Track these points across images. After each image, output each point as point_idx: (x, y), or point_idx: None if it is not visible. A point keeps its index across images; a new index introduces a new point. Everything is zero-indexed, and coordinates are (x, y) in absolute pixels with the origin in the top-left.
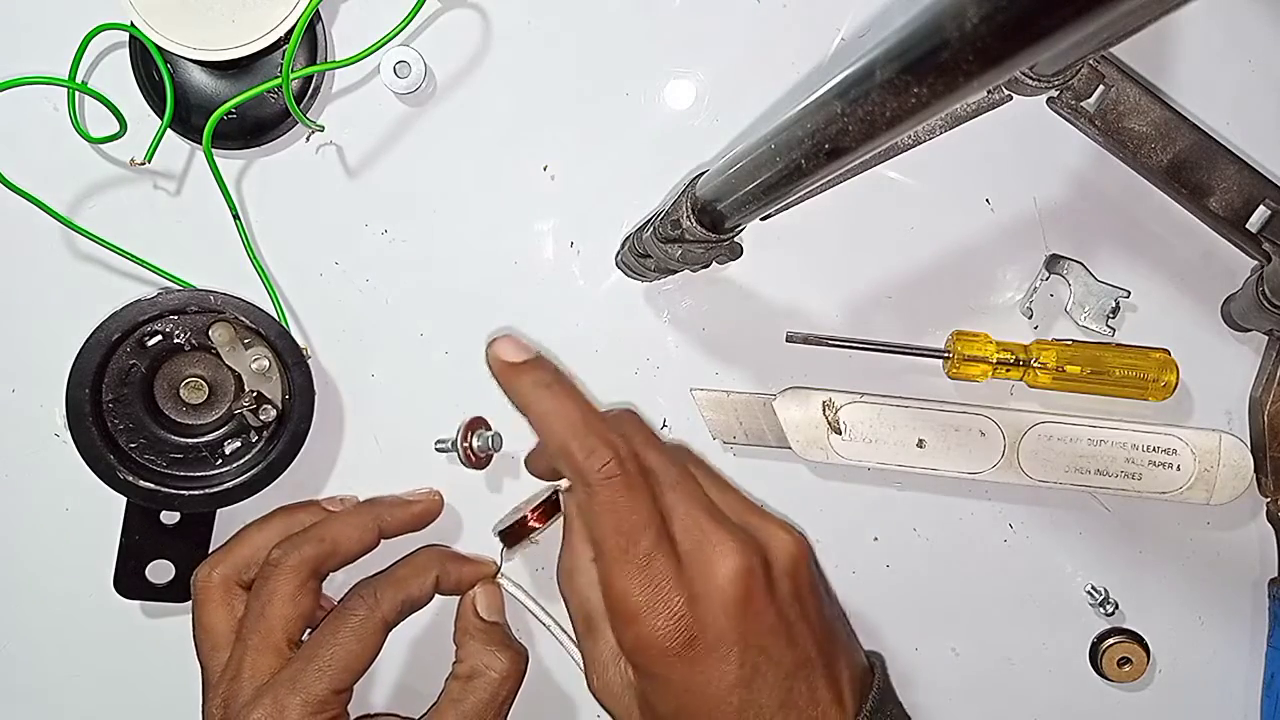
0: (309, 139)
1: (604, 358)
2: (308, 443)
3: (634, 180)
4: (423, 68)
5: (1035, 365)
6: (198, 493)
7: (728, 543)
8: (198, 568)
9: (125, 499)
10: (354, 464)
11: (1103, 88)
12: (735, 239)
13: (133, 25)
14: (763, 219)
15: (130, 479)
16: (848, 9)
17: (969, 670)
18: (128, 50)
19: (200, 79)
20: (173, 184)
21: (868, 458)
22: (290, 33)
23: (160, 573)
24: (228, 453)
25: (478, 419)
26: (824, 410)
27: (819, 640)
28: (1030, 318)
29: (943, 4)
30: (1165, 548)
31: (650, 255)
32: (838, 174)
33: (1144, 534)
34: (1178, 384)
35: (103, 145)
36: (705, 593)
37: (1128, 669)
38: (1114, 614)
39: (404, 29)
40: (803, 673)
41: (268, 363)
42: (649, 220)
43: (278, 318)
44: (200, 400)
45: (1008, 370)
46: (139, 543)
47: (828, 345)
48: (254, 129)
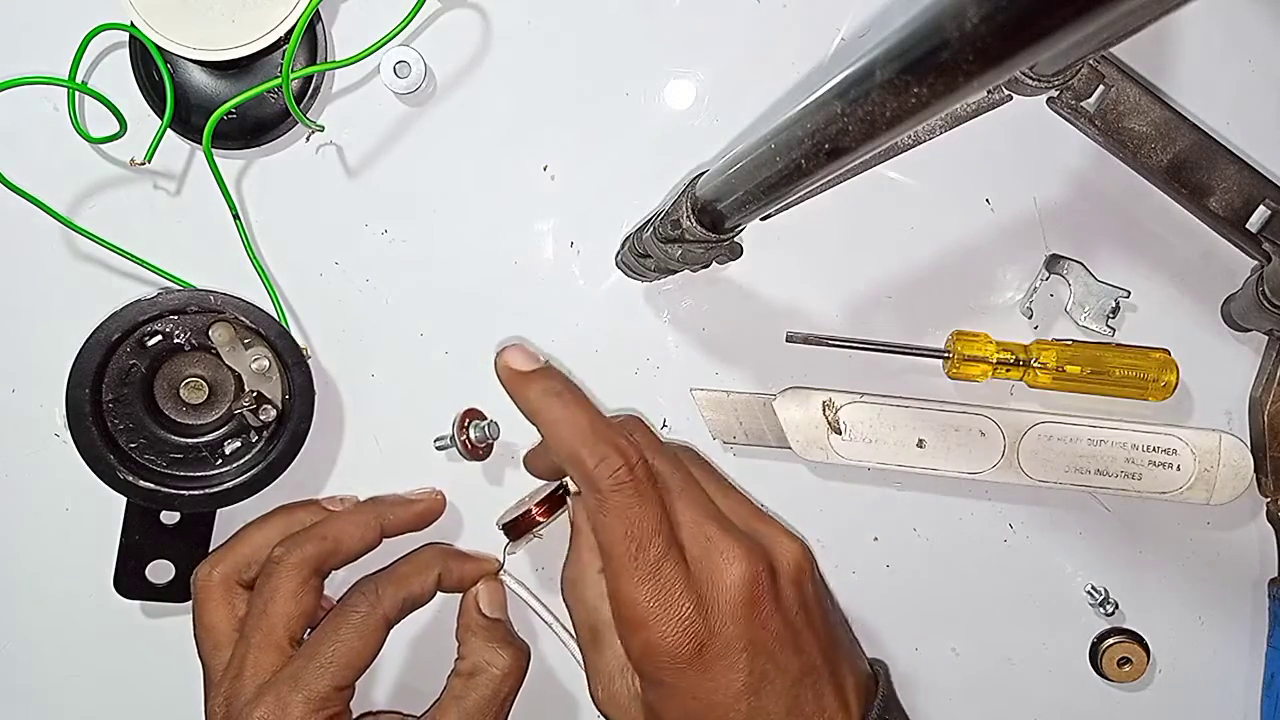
0: (309, 139)
1: (604, 358)
2: (308, 443)
3: (634, 180)
4: (423, 68)
5: (1035, 365)
6: (198, 493)
7: (735, 549)
8: (198, 567)
9: (125, 499)
10: (354, 464)
11: (1103, 88)
12: (735, 239)
13: (133, 25)
14: (763, 219)
15: (130, 479)
16: (848, 9)
17: (969, 670)
18: (128, 50)
19: (200, 79)
20: (173, 184)
21: (868, 458)
22: (290, 33)
23: (160, 573)
24: (228, 453)
25: (472, 410)
26: (824, 410)
27: (824, 647)
28: (1030, 318)
29: (943, 4)
30: (1165, 548)
31: (650, 255)
32: (838, 174)
33: (1144, 534)
34: (1178, 384)
35: (103, 145)
36: (713, 599)
37: (1128, 669)
38: (1114, 614)
39: (404, 29)
40: (809, 680)
41: (268, 363)
42: (649, 220)
43: (278, 318)
44: (200, 400)
45: (1008, 370)
46: (139, 543)
47: (828, 345)
48: (254, 129)
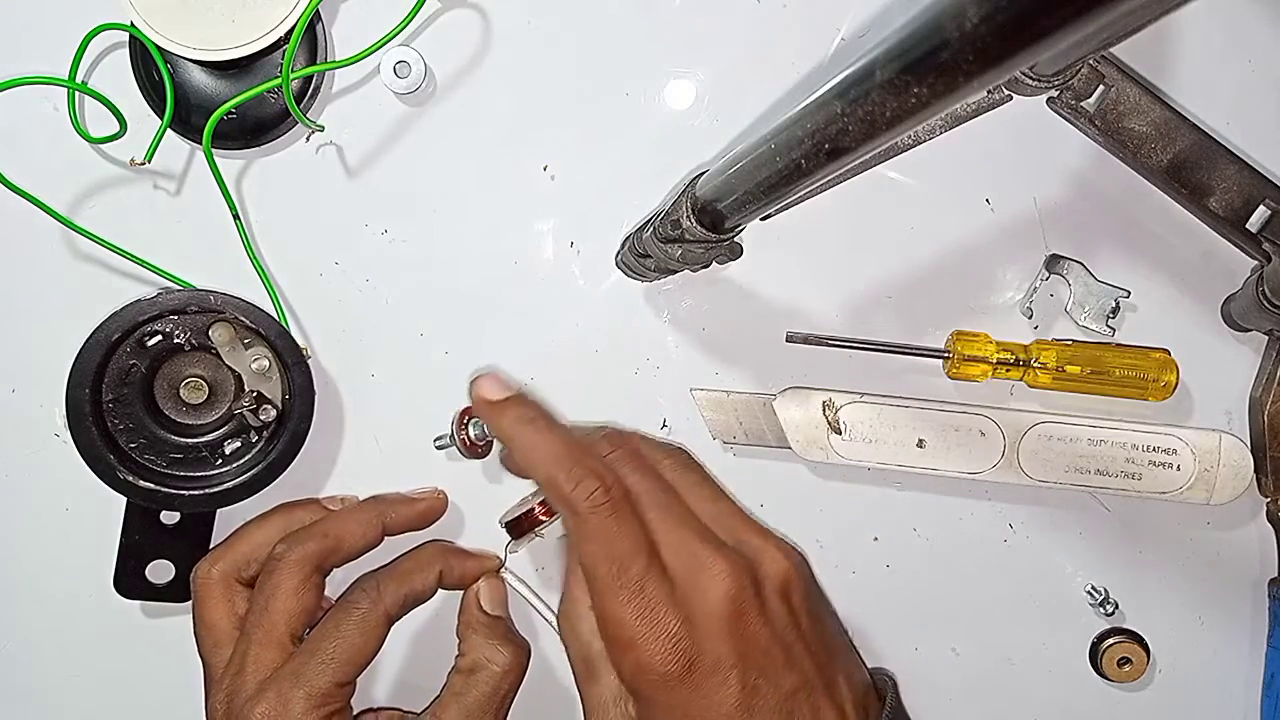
0: (309, 139)
1: (604, 358)
2: (308, 443)
3: (634, 180)
4: (423, 68)
5: (1035, 365)
6: (198, 493)
7: (719, 564)
8: (197, 564)
9: (125, 499)
10: (354, 464)
11: (1103, 88)
12: (735, 239)
13: (133, 25)
14: (763, 219)
15: (130, 479)
16: (848, 9)
17: (969, 670)
18: (128, 50)
19: (200, 79)
20: (173, 184)
21: (868, 458)
22: (290, 33)
23: (160, 573)
24: (228, 453)
25: (470, 407)
26: (824, 410)
27: (818, 660)
28: (1030, 318)
29: (943, 4)
30: (1165, 548)
31: (650, 255)
32: (838, 174)
33: (1144, 534)
34: (1178, 384)
35: (103, 145)
36: (699, 615)
37: (1128, 669)
38: (1114, 614)
39: (404, 29)
40: (803, 693)
41: (268, 363)
42: (649, 220)
43: (278, 318)
44: (200, 400)
45: (1008, 370)
46: (139, 543)
47: (828, 345)
48: (254, 129)
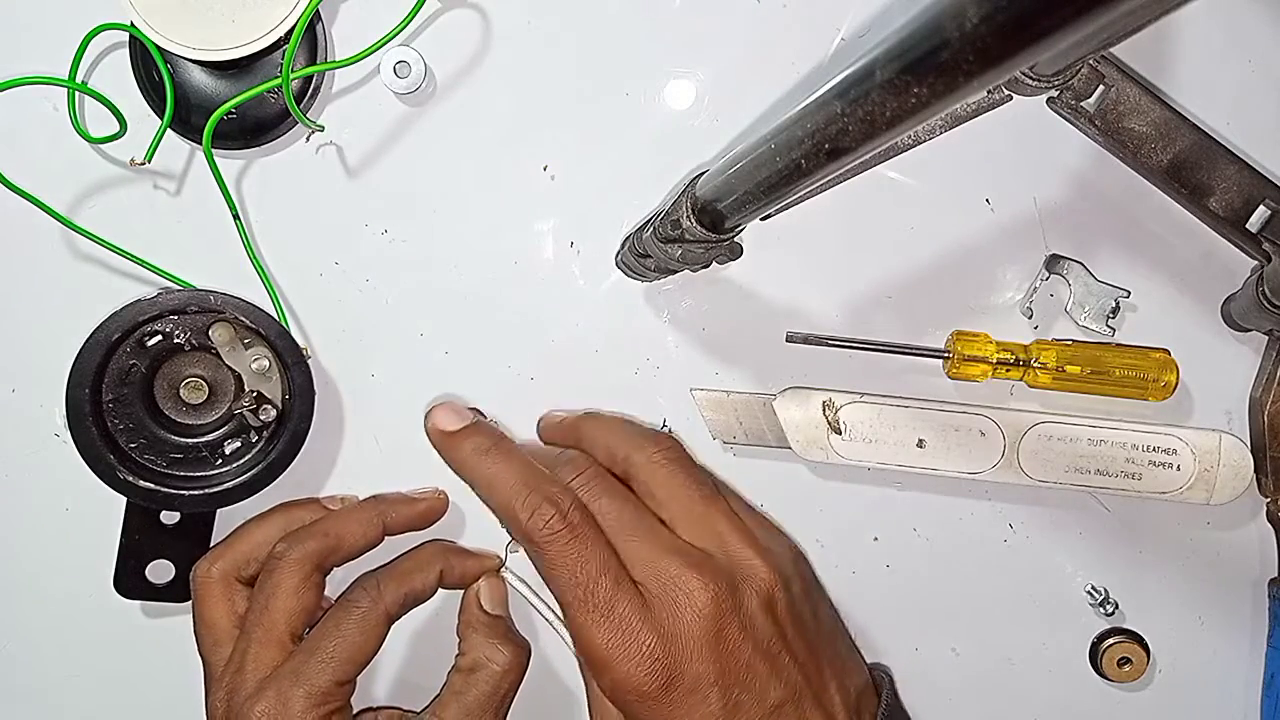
0: (309, 139)
1: (604, 358)
2: (308, 443)
3: (634, 180)
4: (423, 68)
5: (1035, 365)
6: (198, 493)
7: (692, 581)
8: (197, 563)
9: (125, 499)
10: (354, 464)
11: (1103, 88)
12: (735, 239)
13: (133, 25)
14: (763, 219)
15: (130, 479)
16: (848, 9)
17: (969, 670)
18: (128, 50)
19: (200, 79)
20: (173, 184)
21: (868, 458)
22: (290, 33)
23: (160, 573)
24: (228, 453)
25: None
26: (824, 410)
27: (806, 670)
28: (1030, 318)
29: (943, 4)
30: (1165, 548)
31: (650, 255)
32: (838, 174)
33: (1144, 534)
34: (1178, 384)
35: (103, 145)
36: (676, 633)
37: (1128, 669)
38: (1114, 614)
39: (404, 29)
40: (790, 705)
41: (268, 363)
42: (649, 220)
43: (278, 318)
44: (200, 400)
45: (1008, 370)
46: (139, 543)
47: (828, 345)
48: (254, 129)
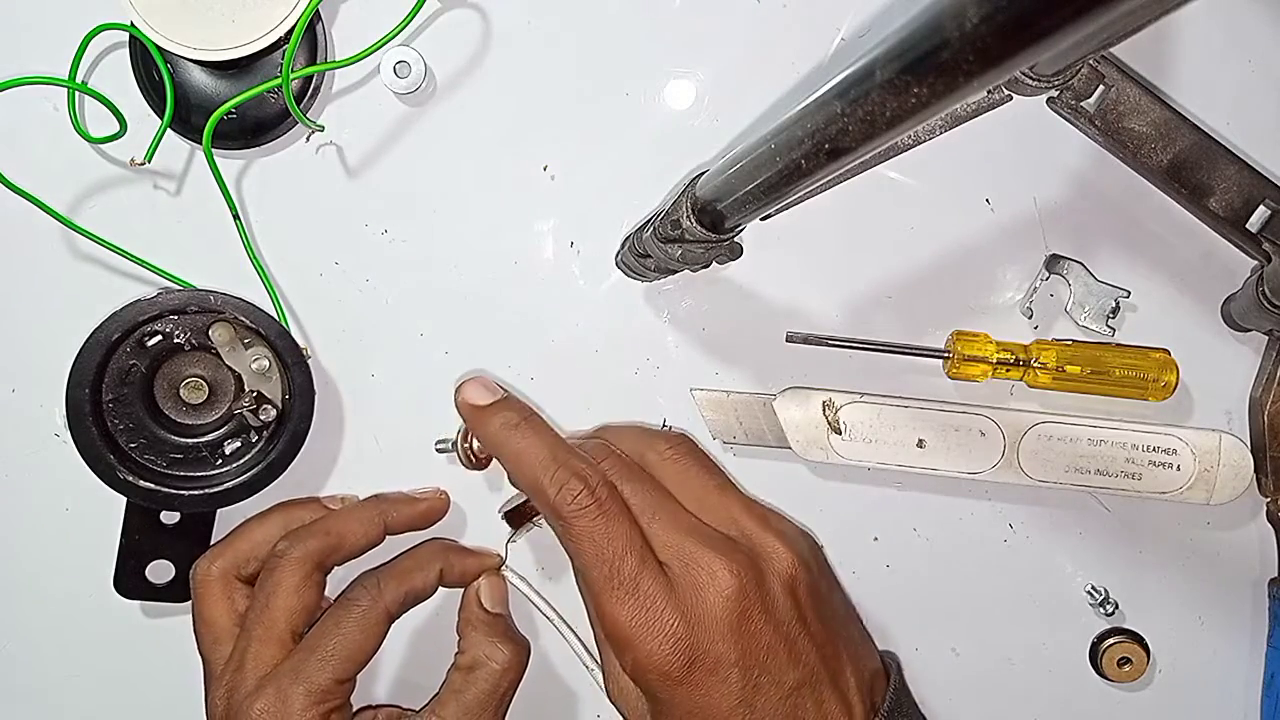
0: (309, 139)
1: (604, 358)
2: (308, 443)
3: (634, 180)
4: (423, 68)
5: (1035, 365)
6: (198, 493)
7: (717, 563)
8: (197, 561)
9: (125, 499)
10: (354, 464)
11: (1103, 88)
12: (735, 239)
13: (133, 25)
14: (763, 219)
15: (130, 479)
16: (848, 9)
17: (969, 670)
18: (128, 50)
19: (200, 79)
20: (173, 184)
21: (868, 458)
22: (290, 33)
23: (160, 573)
24: (228, 453)
25: None
26: (824, 410)
27: (823, 652)
28: (1030, 318)
29: (943, 4)
30: (1165, 548)
31: (650, 255)
32: (838, 174)
33: (1144, 534)
34: (1178, 384)
35: (103, 145)
36: (699, 615)
37: (1128, 669)
38: (1114, 614)
39: (404, 29)
40: (807, 688)
41: (268, 363)
42: (649, 220)
43: (278, 318)
44: (200, 400)
45: (1008, 370)
46: (139, 543)
47: (828, 345)
48: (254, 129)
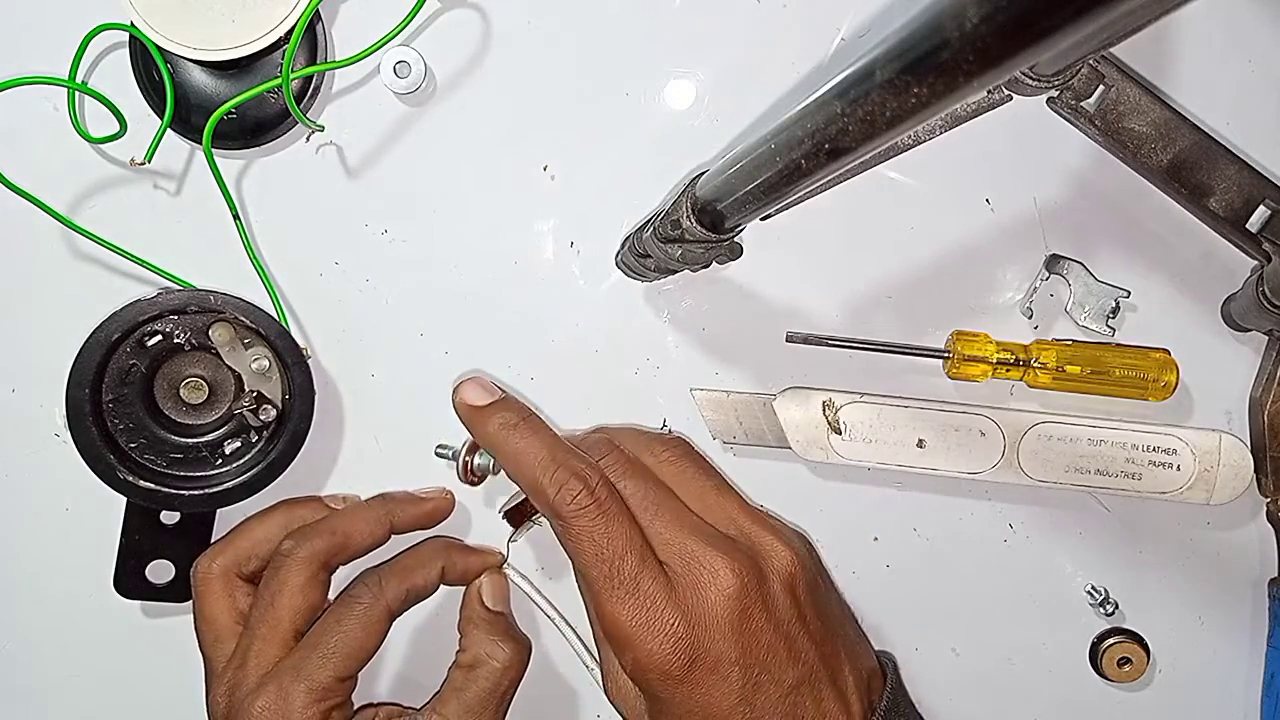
0: (309, 139)
1: (604, 358)
2: (308, 443)
3: (634, 180)
4: (423, 68)
5: (1035, 365)
6: (198, 493)
7: (718, 562)
8: (198, 559)
9: (125, 499)
10: (354, 464)
11: (1103, 88)
12: (735, 239)
13: (133, 25)
14: (763, 219)
15: (130, 479)
16: (848, 9)
17: (969, 670)
18: (128, 50)
19: (200, 79)
20: (173, 184)
21: (868, 458)
22: (290, 33)
23: (160, 573)
24: (228, 453)
25: None
26: (824, 410)
27: (822, 651)
28: (1030, 318)
29: (943, 4)
30: (1165, 548)
31: (650, 255)
32: (838, 174)
33: (1144, 534)
34: (1178, 384)
35: (103, 145)
36: (700, 614)
37: (1128, 669)
38: (1114, 614)
39: (404, 29)
40: (806, 686)
41: (268, 363)
42: (649, 220)
43: (278, 318)
44: (200, 400)
45: (1008, 370)
46: (139, 543)
47: (828, 345)
48: (254, 129)
